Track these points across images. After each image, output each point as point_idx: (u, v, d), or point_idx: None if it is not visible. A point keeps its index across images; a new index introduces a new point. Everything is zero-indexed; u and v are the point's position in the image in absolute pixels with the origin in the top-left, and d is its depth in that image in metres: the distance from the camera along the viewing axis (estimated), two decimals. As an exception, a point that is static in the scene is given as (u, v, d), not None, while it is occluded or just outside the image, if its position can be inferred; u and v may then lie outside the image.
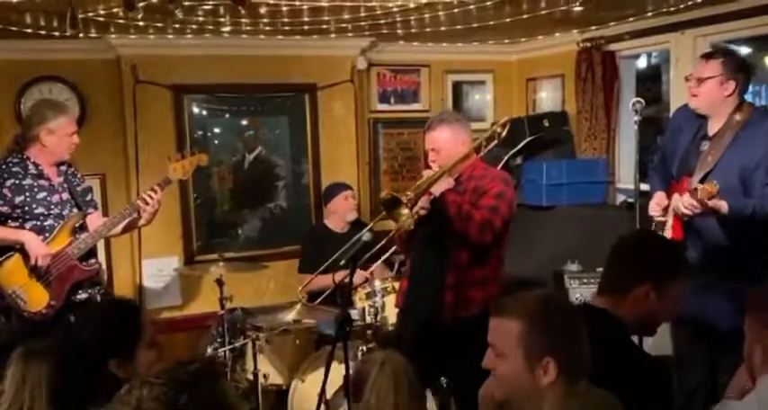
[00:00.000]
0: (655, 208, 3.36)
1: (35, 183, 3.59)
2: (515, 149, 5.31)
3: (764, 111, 3.33)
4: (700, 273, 3.11)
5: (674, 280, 2.25)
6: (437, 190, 3.31)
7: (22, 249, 3.49)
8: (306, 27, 4.52)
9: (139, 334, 2.17)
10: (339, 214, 5.02)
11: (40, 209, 3.58)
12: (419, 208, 3.32)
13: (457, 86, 6.19)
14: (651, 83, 6.60)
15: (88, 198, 3.86)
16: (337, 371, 3.08)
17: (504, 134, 3.71)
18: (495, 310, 1.97)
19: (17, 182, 3.55)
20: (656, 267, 2.26)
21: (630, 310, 2.21)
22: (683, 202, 3.01)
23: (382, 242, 4.06)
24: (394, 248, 4.37)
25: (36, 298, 3.51)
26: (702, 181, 3.11)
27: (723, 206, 2.97)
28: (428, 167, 3.53)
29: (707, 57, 3.25)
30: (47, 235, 3.56)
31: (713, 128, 3.23)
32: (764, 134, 3.13)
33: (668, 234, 3.26)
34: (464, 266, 3.42)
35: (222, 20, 4.28)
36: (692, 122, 3.34)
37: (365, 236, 3.00)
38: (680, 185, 3.25)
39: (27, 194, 3.56)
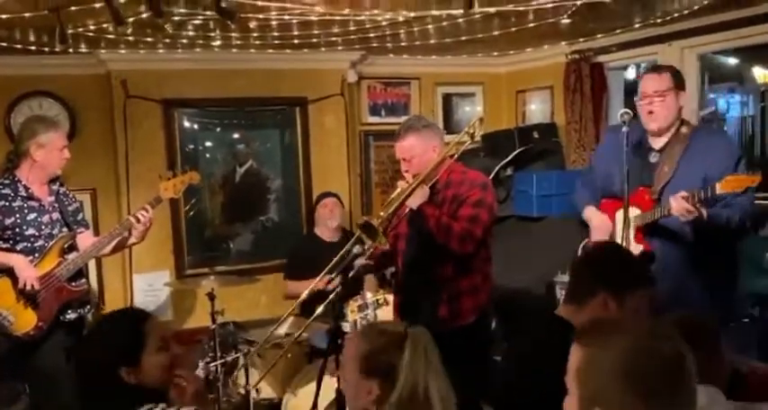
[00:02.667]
0: (600, 235, 3.37)
1: (25, 205, 3.57)
2: (505, 160, 5.34)
3: (708, 124, 3.41)
4: (671, 279, 3.13)
5: (634, 290, 2.24)
6: (414, 202, 3.27)
7: (9, 271, 3.47)
8: (296, 41, 4.54)
9: (139, 340, 2.19)
10: (321, 221, 5.04)
11: (31, 231, 3.56)
12: (394, 225, 3.31)
13: (447, 98, 6.22)
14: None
15: (79, 217, 3.84)
16: (329, 385, 3.07)
17: (476, 134, 3.67)
18: (576, 333, 1.63)
19: (7, 203, 3.53)
20: (612, 276, 2.25)
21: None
22: (680, 207, 2.99)
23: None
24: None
25: (24, 321, 3.48)
26: (662, 190, 3.17)
27: (704, 213, 3.01)
28: (402, 178, 3.48)
29: (657, 71, 3.28)
30: (37, 255, 3.54)
31: (659, 140, 3.28)
32: (725, 145, 3.27)
33: (634, 247, 3.24)
34: (450, 278, 3.41)
35: (212, 34, 4.30)
36: (631, 139, 3.31)
37: (355, 248, 3.00)
38: (637, 196, 3.26)
39: (17, 216, 3.54)
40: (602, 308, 2.21)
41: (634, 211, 3.25)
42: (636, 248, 3.20)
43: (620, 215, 3.28)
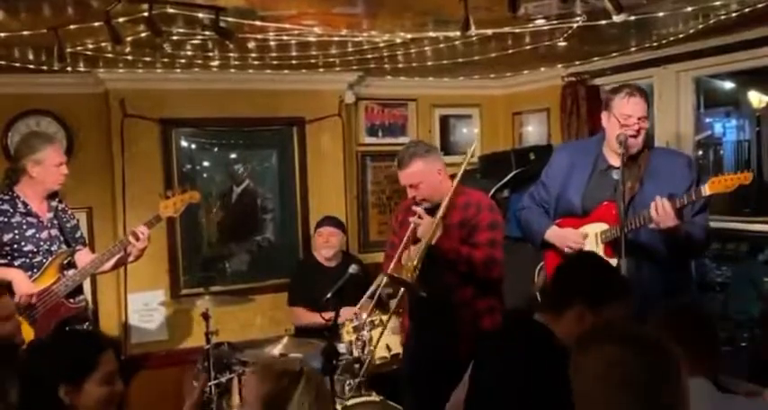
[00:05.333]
0: (578, 242, 3.33)
1: (24, 221, 3.57)
2: (502, 182, 5.34)
3: (661, 148, 3.73)
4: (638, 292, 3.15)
5: (611, 303, 2.24)
6: (433, 239, 3.32)
7: (7, 286, 3.46)
8: (294, 61, 4.56)
9: (90, 365, 2.19)
10: (316, 248, 5.03)
11: (30, 247, 3.56)
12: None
13: (444, 120, 6.25)
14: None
15: (77, 235, 3.84)
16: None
17: (475, 150, 3.72)
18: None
19: (5, 220, 3.54)
20: (590, 289, 2.27)
21: (566, 330, 2.22)
22: (663, 212, 3.00)
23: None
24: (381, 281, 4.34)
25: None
26: (629, 205, 3.18)
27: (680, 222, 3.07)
28: (412, 213, 3.49)
29: (641, 95, 3.28)
30: (35, 271, 3.54)
31: (617, 159, 3.24)
32: (685, 164, 3.33)
33: None
34: (469, 300, 3.42)
35: (211, 54, 4.31)
36: (583, 158, 3.42)
37: (351, 268, 2.99)
38: (603, 211, 3.27)
39: (16, 232, 3.54)
40: (577, 320, 2.22)
41: (601, 226, 3.26)
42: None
43: (587, 229, 3.30)
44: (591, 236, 3.28)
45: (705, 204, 3.27)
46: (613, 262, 3.16)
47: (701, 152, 6.46)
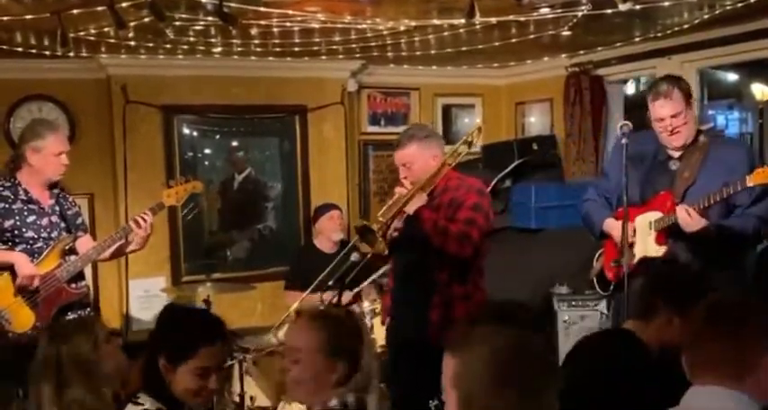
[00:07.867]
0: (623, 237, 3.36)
1: (25, 207, 3.57)
2: (504, 172, 5.34)
3: (718, 135, 3.62)
4: None
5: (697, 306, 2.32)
6: (411, 208, 3.31)
7: (11, 269, 3.46)
8: (297, 49, 4.55)
9: (187, 353, 2.18)
10: (325, 234, 5.02)
11: (30, 233, 3.55)
12: (392, 230, 3.33)
13: (446, 109, 6.23)
14: (639, 110, 6.66)
15: (78, 221, 3.83)
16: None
17: (475, 142, 3.72)
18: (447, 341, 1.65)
19: (6, 206, 3.53)
20: (673, 294, 2.40)
21: (655, 336, 2.38)
22: (686, 219, 3.07)
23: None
24: (382, 270, 4.35)
25: (22, 319, 3.46)
26: (684, 193, 3.23)
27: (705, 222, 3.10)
28: (400, 185, 3.51)
29: (665, 95, 3.21)
30: (36, 257, 3.53)
31: (678, 148, 3.29)
32: (743, 152, 3.34)
33: (655, 249, 3.29)
34: (445, 284, 3.42)
35: (213, 41, 4.30)
36: (645, 148, 3.42)
37: (353, 256, 2.99)
38: (659, 201, 3.31)
39: (17, 218, 3.54)
40: (666, 325, 2.38)
41: (655, 215, 3.30)
42: (657, 250, 3.27)
43: (639, 219, 3.34)
44: (645, 224, 3.32)
45: (766, 190, 3.20)
46: (662, 249, 3.26)
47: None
